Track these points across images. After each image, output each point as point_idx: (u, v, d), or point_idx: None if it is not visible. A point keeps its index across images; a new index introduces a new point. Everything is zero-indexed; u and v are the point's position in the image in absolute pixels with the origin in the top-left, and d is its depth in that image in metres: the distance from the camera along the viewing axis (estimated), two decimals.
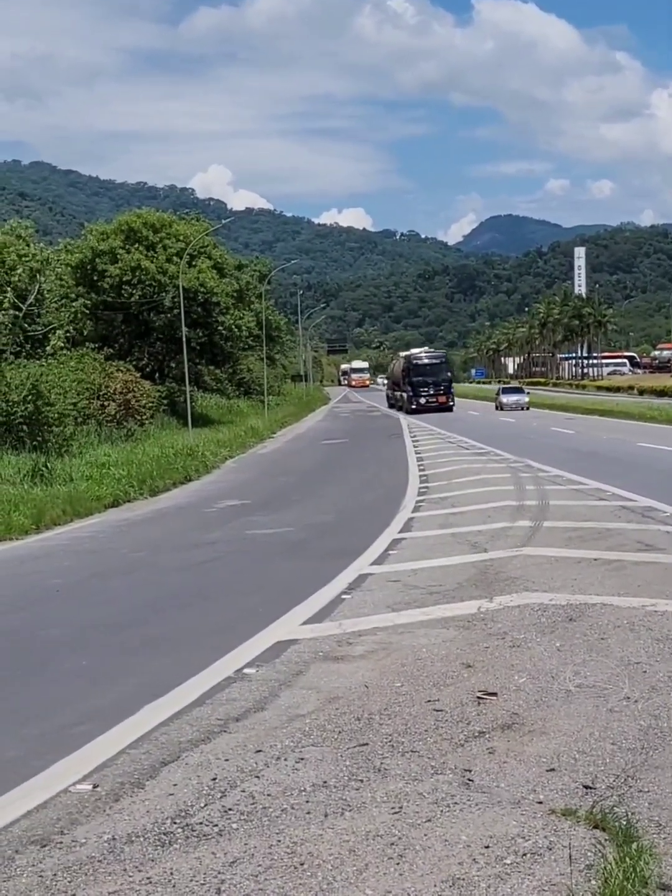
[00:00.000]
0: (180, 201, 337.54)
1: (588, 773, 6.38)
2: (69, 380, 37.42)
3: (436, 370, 79.20)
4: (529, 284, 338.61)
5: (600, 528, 16.93)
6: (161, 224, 56.13)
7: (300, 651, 9.98)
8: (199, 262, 55.44)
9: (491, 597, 11.83)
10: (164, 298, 52.71)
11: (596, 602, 11.23)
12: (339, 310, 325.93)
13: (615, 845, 5.26)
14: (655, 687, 8.12)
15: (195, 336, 54.00)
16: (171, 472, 31.02)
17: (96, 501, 24.95)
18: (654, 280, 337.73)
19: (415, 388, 77.99)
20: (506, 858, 5.22)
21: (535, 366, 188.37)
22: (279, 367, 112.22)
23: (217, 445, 41.37)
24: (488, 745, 6.99)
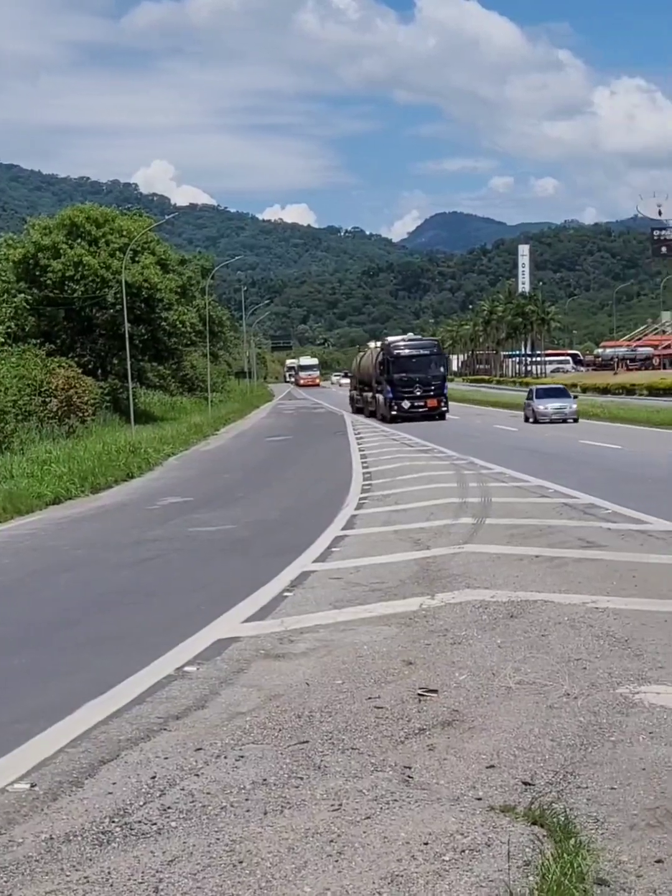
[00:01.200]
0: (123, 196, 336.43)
1: (527, 770, 6.41)
2: (10, 376, 37.18)
3: (424, 364, 58.91)
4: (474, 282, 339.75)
5: (542, 525, 17.01)
6: (104, 219, 55.89)
7: (241, 649, 9.96)
8: (143, 257, 55.24)
9: (433, 594, 11.86)
10: (107, 294, 52.46)
11: (537, 599, 11.27)
12: (284, 306, 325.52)
13: (553, 841, 5.28)
14: (595, 683, 8.16)
15: (138, 332, 53.84)
16: (113, 470, 30.87)
17: (37, 499, 24.79)
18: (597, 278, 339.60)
19: (396, 389, 58.09)
20: (444, 855, 5.23)
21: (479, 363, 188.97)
22: (223, 364, 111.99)
23: (160, 442, 41.21)
24: (428, 742, 7.01)
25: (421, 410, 57.66)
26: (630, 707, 7.54)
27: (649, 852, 5.24)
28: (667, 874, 5.00)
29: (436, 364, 59.71)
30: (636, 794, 5.98)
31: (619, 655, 8.96)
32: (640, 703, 7.63)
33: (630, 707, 7.54)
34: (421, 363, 58.72)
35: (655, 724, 7.14)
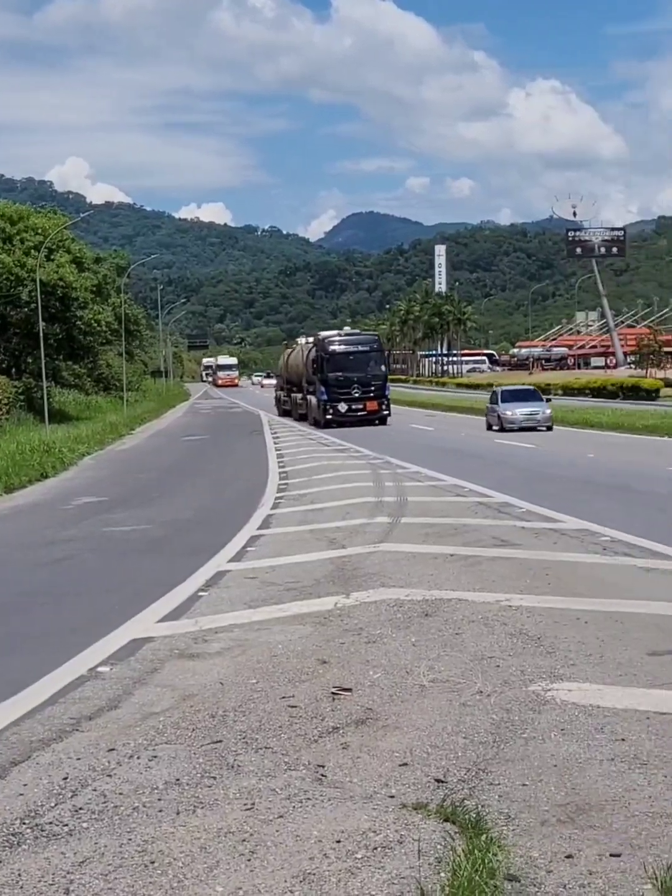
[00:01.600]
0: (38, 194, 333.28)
1: (440, 767, 6.43)
2: None
3: (362, 362, 52.72)
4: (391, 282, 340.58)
5: (457, 524, 17.10)
6: (18, 217, 55.44)
7: (156, 649, 9.91)
8: (58, 256, 54.83)
9: (348, 593, 11.87)
10: (21, 293, 51.98)
11: (451, 597, 11.33)
12: (200, 305, 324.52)
13: (465, 838, 5.31)
14: (508, 681, 8.21)
15: (53, 331, 53.41)
16: (26, 469, 30.57)
17: None
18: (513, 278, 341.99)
19: (331, 390, 51.92)
20: (357, 853, 5.24)
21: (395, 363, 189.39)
22: (139, 363, 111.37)
23: (75, 442, 40.86)
24: (342, 740, 7.02)
25: (360, 414, 51.57)
26: (542, 704, 7.60)
27: (560, 848, 5.28)
28: (577, 869, 5.05)
29: (376, 362, 53.21)
30: (547, 791, 6.03)
31: (532, 653, 9.03)
32: (552, 700, 7.69)
33: (542, 704, 7.60)
34: (359, 361, 52.28)
35: (567, 721, 7.20)
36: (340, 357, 52.11)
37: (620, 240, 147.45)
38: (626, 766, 6.36)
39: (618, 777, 6.19)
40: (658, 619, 10.05)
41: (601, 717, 7.25)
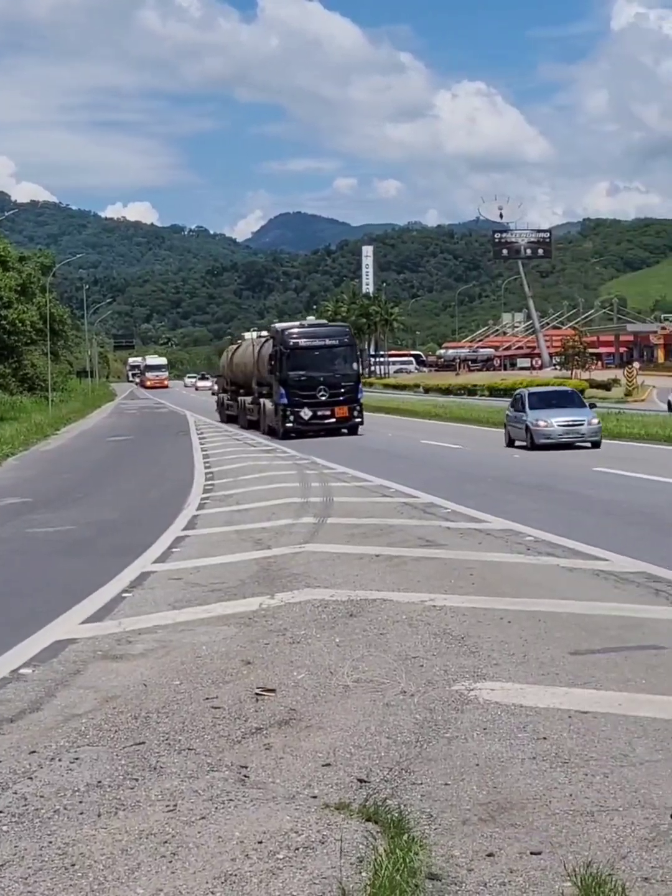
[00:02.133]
0: None
1: (363, 767, 6.45)
2: None
3: (330, 358, 44.62)
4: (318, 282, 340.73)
5: (383, 524, 17.15)
6: None
7: (78, 650, 9.85)
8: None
9: (273, 593, 11.86)
10: None
11: (376, 597, 11.35)
12: (127, 305, 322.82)
13: (387, 837, 5.33)
14: (431, 681, 8.24)
15: None
16: None
17: None
18: (440, 279, 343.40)
19: (292, 392, 43.68)
20: (278, 853, 5.24)
21: None
22: (64, 363, 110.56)
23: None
24: (265, 741, 7.01)
25: (327, 422, 43.51)
26: (465, 704, 7.64)
27: (481, 846, 5.31)
28: (497, 867, 5.08)
29: (346, 359, 44.71)
30: (469, 790, 6.06)
31: (456, 653, 9.07)
32: (475, 699, 7.73)
33: (465, 704, 7.64)
34: (326, 357, 43.92)
35: (489, 721, 7.23)
36: (304, 352, 43.54)
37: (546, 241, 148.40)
38: (547, 764, 6.40)
39: (539, 776, 6.23)
40: (580, 619, 10.13)
41: (523, 716, 7.29)
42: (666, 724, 6.98)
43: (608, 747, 6.63)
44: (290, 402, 42.85)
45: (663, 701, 7.54)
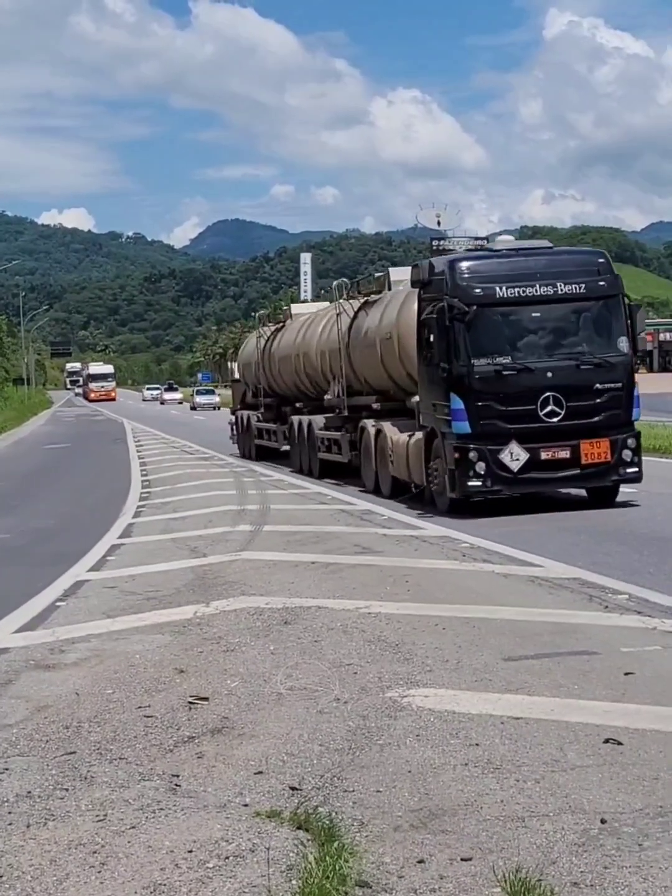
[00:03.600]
0: None
1: (295, 775, 6.43)
2: None
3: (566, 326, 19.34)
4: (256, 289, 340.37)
5: (319, 531, 17.15)
6: None
7: (10, 660, 9.77)
8: None
9: (208, 601, 11.83)
10: None
11: (311, 605, 11.35)
12: (64, 312, 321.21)
13: (317, 845, 5.31)
14: (365, 688, 8.24)
15: None
16: None
17: None
18: None
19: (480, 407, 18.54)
20: (208, 862, 5.21)
21: None
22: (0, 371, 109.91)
23: None
24: (197, 749, 6.98)
25: (562, 474, 18.97)
26: (398, 710, 7.64)
27: (412, 853, 5.31)
28: (428, 874, 5.08)
29: (604, 325, 19.57)
30: (401, 797, 6.06)
31: (390, 660, 9.08)
32: (409, 706, 7.73)
33: (398, 710, 7.64)
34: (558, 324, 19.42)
35: (422, 727, 7.24)
36: (508, 314, 19.23)
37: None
38: (479, 770, 6.41)
39: (471, 782, 6.24)
40: (514, 625, 10.17)
41: (456, 723, 7.30)
42: (597, 730, 7.01)
43: (540, 753, 6.65)
44: (479, 431, 18.63)
45: (594, 706, 7.58)
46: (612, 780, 6.16)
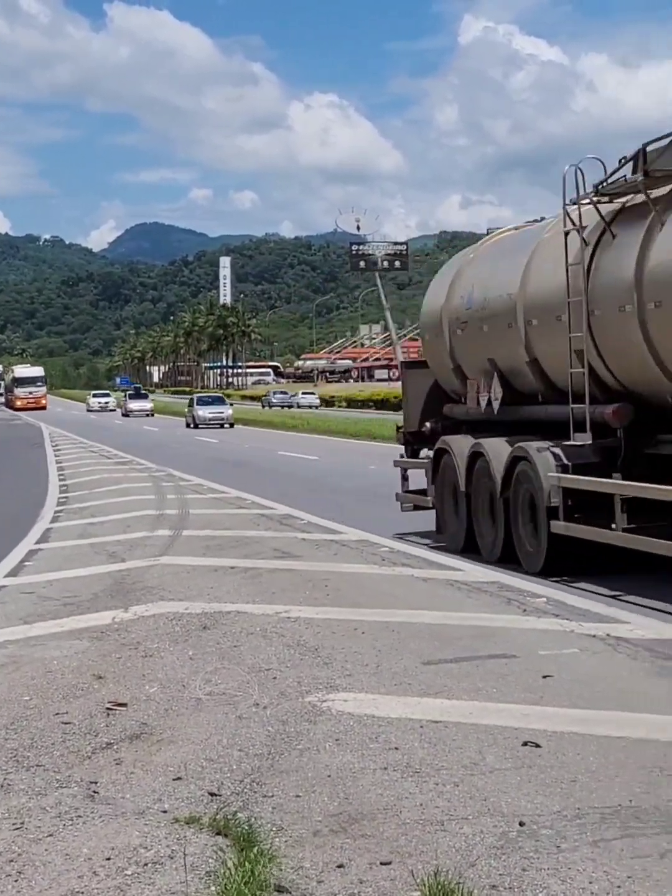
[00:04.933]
0: None
1: (214, 781, 6.40)
2: None
3: None
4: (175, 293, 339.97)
5: (239, 536, 17.11)
6: None
7: None
8: None
9: (126, 607, 11.75)
10: None
11: (231, 610, 11.31)
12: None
13: (236, 850, 5.29)
14: (285, 692, 8.23)
15: None
16: None
17: None
18: (297, 291, 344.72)
19: None
20: (126, 869, 5.17)
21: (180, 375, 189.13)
22: None
23: None
24: (116, 756, 6.93)
25: None
26: (318, 715, 7.64)
27: (331, 858, 5.31)
28: (347, 878, 5.08)
29: None
30: (321, 801, 6.05)
31: (310, 664, 9.07)
32: (328, 710, 7.73)
33: (318, 715, 7.64)
34: None
35: (342, 732, 7.24)
36: None
37: (403, 254, 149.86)
38: (398, 774, 6.42)
39: (390, 786, 6.25)
40: (433, 629, 10.21)
41: (375, 727, 7.31)
42: (515, 733, 7.05)
43: (459, 756, 6.67)
44: None
45: (513, 709, 7.63)
46: (530, 783, 6.20)
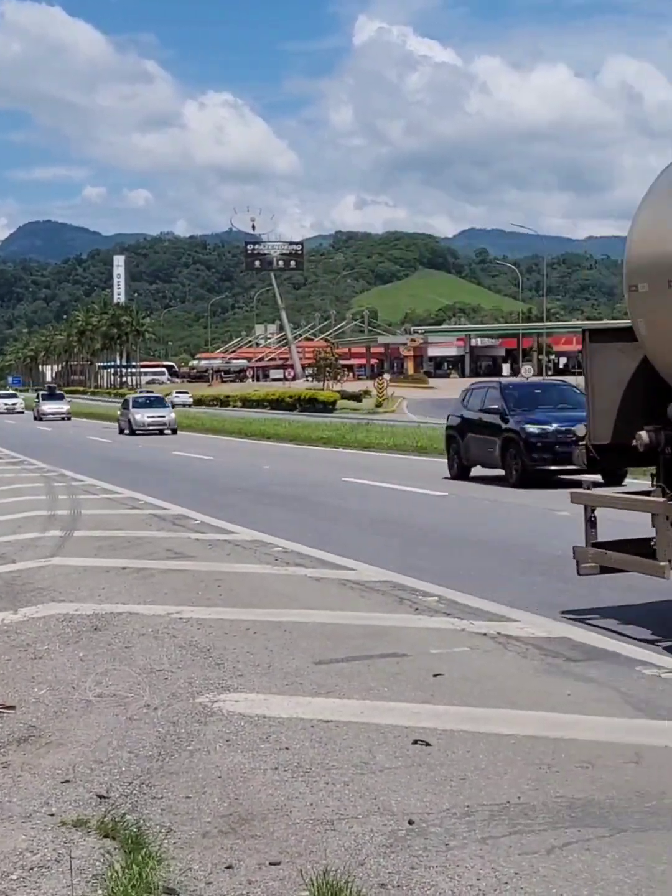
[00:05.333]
0: None
1: (103, 783, 6.35)
2: None
3: None
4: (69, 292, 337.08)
5: (131, 536, 16.99)
6: None
7: None
8: None
9: (16, 608, 11.61)
10: None
11: (122, 611, 11.23)
12: None
13: (124, 853, 5.25)
14: (176, 693, 8.19)
15: None
16: None
17: None
18: (193, 290, 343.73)
19: None
20: (12, 874, 5.11)
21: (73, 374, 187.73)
22: None
23: None
24: (3, 759, 6.83)
25: None
26: (209, 716, 7.61)
27: (220, 859, 5.29)
28: (236, 879, 5.06)
29: None
30: (210, 802, 6.03)
31: (201, 665, 9.04)
32: (219, 711, 7.70)
33: (209, 716, 7.61)
34: None
35: (233, 732, 7.22)
36: None
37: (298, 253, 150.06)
38: (289, 774, 6.42)
39: (280, 786, 6.24)
40: (325, 628, 10.22)
41: (267, 727, 7.30)
42: (406, 731, 7.08)
43: (349, 756, 6.68)
44: None
45: (404, 708, 7.66)
46: (420, 781, 6.23)
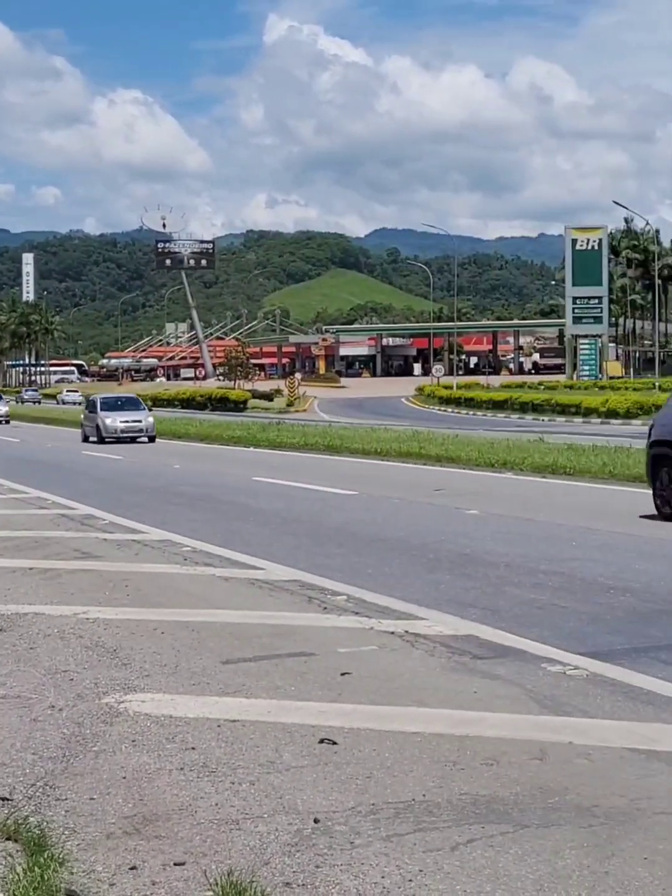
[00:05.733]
0: None
1: (6, 785, 6.28)
2: None
3: None
4: None
5: (38, 536, 16.85)
6: None
7: None
8: None
9: None
10: None
11: (28, 612, 11.13)
12: None
13: (26, 856, 5.20)
14: (81, 694, 8.13)
15: None
16: None
17: None
18: (103, 288, 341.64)
19: None
20: None
21: None
22: None
23: None
24: None
25: None
26: (115, 717, 7.56)
27: (124, 860, 5.26)
28: (140, 880, 5.03)
29: None
30: (115, 803, 5.99)
31: (108, 665, 8.98)
32: (125, 711, 7.66)
33: (115, 717, 7.56)
34: None
35: (138, 733, 7.19)
36: None
37: (209, 252, 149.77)
38: (195, 774, 6.40)
39: (186, 786, 6.22)
40: (233, 628, 10.20)
41: (173, 727, 7.28)
42: (312, 730, 7.08)
43: (256, 755, 6.68)
44: None
45: (311, 707, 7.66)
46: (326, 780, 6.23)
